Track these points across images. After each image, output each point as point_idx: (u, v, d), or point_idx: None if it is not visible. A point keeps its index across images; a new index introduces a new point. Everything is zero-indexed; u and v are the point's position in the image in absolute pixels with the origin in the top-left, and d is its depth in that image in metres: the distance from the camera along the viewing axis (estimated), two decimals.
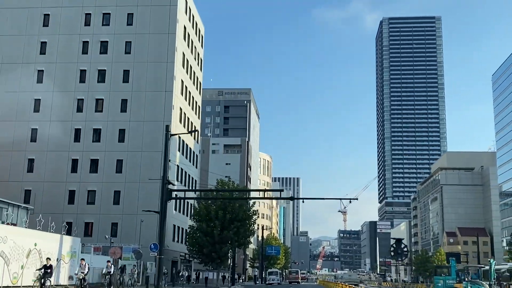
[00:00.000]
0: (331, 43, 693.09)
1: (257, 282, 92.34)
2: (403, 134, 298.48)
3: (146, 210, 47.48)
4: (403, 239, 44.28)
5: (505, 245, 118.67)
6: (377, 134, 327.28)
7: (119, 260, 46.31)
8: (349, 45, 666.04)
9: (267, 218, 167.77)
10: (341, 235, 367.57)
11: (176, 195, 54.59)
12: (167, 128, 34.82)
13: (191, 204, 65.10)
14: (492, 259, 37.27)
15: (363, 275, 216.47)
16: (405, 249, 42.12)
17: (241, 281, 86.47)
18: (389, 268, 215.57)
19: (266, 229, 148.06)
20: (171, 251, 60.43)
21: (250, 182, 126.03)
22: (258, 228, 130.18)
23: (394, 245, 41.97)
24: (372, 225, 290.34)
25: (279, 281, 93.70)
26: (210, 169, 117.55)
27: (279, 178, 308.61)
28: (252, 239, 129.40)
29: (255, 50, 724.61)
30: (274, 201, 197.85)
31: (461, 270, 44.34)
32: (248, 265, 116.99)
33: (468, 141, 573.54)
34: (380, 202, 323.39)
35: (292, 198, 35.29)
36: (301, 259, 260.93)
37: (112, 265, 31.59)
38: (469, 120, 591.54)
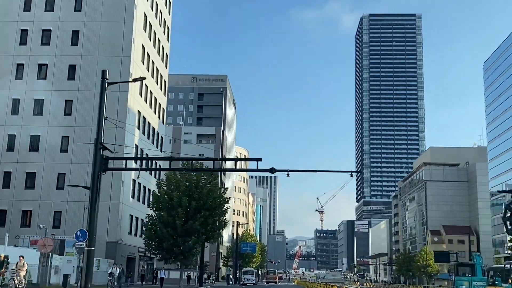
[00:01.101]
0: (308, 42, 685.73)
1: (230, 282, 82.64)
2: (381, 132, 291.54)
3: (74, 185, 37.39)
4: None
5: (494, 244, 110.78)
6: (356, 133, 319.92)
7: (52, 255, 36.29)
8: (328, 45, 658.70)
9: (243, 215, 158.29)
10: (318, 234, 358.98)
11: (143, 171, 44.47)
12: (103, 74, 24.94)
13: (152, 191, 55.10)
14: None
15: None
16: None
17: (210, 281, 76.31)
18: (368, 268, 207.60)
19: (241, 225, 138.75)
20: (127, 246, 50.46)
21: (225, 175, 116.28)
22: (233, 225, 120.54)
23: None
24: (350, 224, 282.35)
25: (254, 281, 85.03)
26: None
27: (256, 176, 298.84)
28: (224, 233, 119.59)
29: (231, 44, 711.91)
30: (251, 198, 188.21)
31: (493, 269, 35.24)
32: (221, 263, 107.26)
33: (447, 141, 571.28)
34: (357, 201, 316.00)
35: (272, 171, 25.69)
36: (277, 258, 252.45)
37: None
38: (448, 119, 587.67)
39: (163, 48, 62.08)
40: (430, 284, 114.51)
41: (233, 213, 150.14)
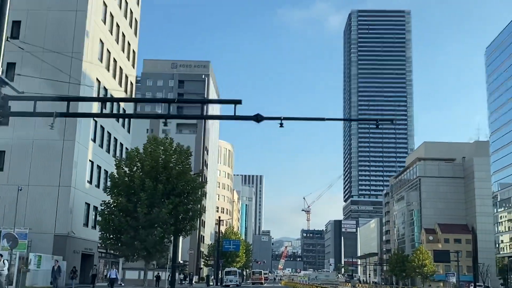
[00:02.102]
0: (295, 41, 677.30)
1: (211, 283, 74.05)
2: (370, 131, 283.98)
3: None
4: None
5: (497, 243, 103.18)
6: (344, 131, 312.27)
7: None
8: (315, 44, 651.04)
9: (227, 212, 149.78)
10: (304, 234, 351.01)
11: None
12: None
13: (110, 173, 46.32)
14: None
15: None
16: None
17: (187, 282, 67.36)
18: (356, 269, 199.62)
19: (222, 222, 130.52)
20: (82, 241, 41.58)
21: (207, 168, 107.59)
22: (216, 223, 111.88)
23: None
24: (337, 224, 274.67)
25: (238, 282, 76.78)
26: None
27: (241, 175, 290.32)
28: (206, 231, 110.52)
29: (215, 41, 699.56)
30: (236, 195, 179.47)
31: None
32: (202, 263, 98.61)
33: (437, 139, 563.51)
34: (345, 201, 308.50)
35: (258, 118, 17.20)
36: (263, 259, 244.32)
37: None
38: (438, 118, 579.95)
39: (131, 11, 53.27)
40: (427, 285, 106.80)
41: (217, 211, 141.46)
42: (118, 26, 48.66)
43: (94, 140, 43.70)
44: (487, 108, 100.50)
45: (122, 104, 50.72)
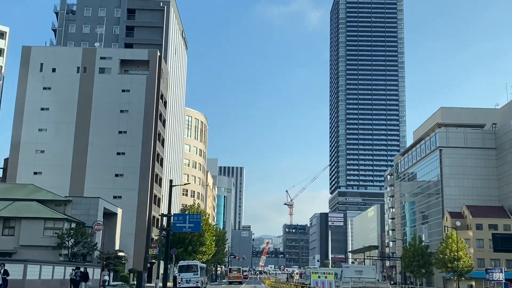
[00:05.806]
0: (277, 36, 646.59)
1: (151, 284, 42.55)
2: (359, 116, 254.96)
3: None
4: None
5: None
6: (330, 117, 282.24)
7: None
8: (297, 36, 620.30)
9: (198, 197, 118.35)
10: (287, 230, 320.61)
11: None
12: None
13: None
14: None
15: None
16: None
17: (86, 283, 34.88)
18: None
19: (185, 206, 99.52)
20: None
21: (164, 126, 76.02)
22: (183, 208, 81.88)
23: None
24: (323, 217, 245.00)
25: (200, 284, 46.53)
26: (97, 97, 68.07)
27: (220, 167, 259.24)
28: (156, 204, 78.61)
29: (196, 38, 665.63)
30: (210, 179, 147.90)
31: None
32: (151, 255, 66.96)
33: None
34: (331, 193, 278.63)
35: None
36: (242, 255, 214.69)
37: None
38: (431, 104, 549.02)
39: None
40: (468, 285, 76.98)
41: (183, 194, 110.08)
42: None
43: None
44: None
45: None
